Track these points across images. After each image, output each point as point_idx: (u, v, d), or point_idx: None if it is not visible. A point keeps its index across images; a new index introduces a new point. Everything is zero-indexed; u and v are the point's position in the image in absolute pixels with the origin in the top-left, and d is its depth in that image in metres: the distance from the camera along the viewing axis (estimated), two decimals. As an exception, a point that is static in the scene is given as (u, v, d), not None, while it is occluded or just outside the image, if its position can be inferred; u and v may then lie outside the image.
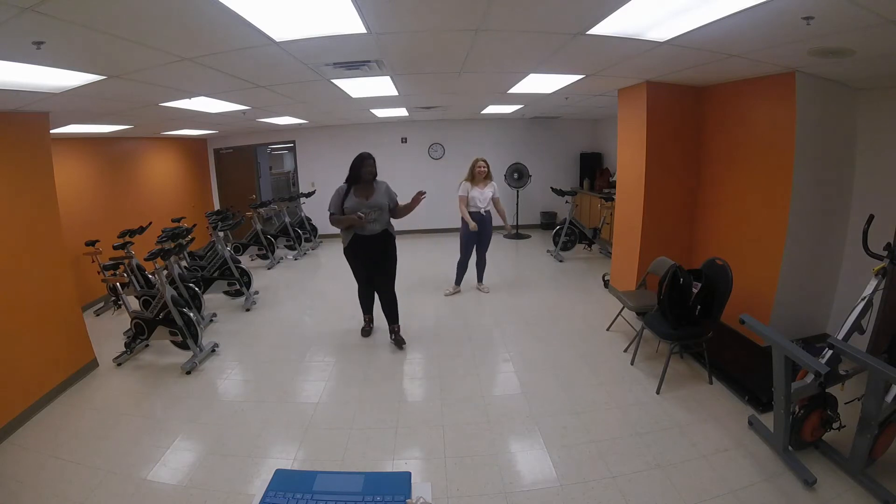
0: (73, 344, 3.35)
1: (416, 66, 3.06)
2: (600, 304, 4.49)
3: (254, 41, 2.12)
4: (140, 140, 6.16)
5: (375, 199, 3.41)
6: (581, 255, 6.46)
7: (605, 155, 7.87)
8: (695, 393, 2.89)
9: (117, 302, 4.74)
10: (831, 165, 3.28)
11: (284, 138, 7.97)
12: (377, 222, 3.43)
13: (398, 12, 1.91)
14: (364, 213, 3.30)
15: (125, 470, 2.33)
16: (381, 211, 3.43)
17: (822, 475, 2.09)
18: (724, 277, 2.87)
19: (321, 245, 7.72)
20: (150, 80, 2.69)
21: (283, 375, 3.31)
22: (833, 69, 2.82)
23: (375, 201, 3.41)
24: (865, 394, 1.98)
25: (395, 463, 2.34)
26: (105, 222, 5.14)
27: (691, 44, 2.41)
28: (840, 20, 1.89)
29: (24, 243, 3.01)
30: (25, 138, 3.07)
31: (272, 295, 5.20)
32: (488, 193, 4.59)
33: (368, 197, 3.40)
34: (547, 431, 2.54)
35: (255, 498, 1.08)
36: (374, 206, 3.40)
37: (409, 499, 1.05)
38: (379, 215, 3.42)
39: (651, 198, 3.99)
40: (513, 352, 3.54)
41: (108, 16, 1.63)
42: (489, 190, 4.60)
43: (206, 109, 4.12)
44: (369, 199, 3.39)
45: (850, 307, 2.32)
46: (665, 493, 2.06)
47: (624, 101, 4.23)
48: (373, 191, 3.44)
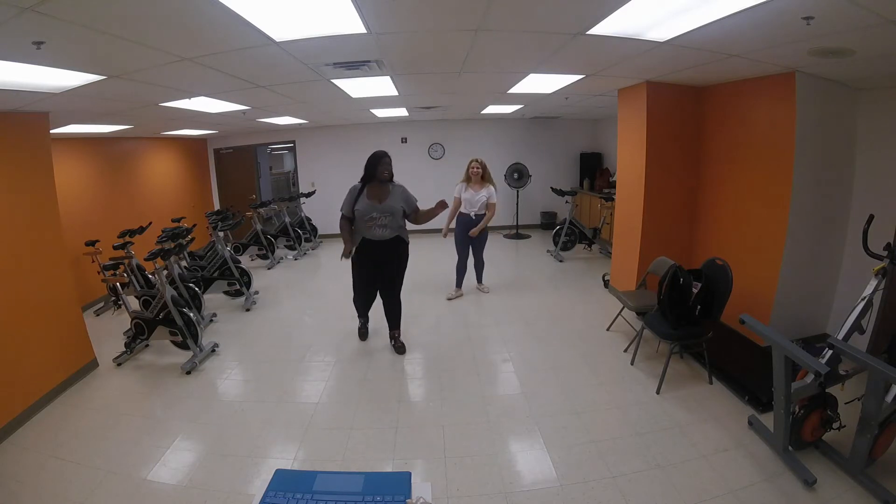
0: (73, 344, 3.35)
1: (416, 66, 3.06)
2: (600, 304, 4.49)
3: (254, 41, 2.12)
4: (140, 140, 6.16)
5: (388, 203, 3.19)
6: (581, 255, 6.46)
7: (605, 155, 7.87)
8: (695, 393, 2.89)
9: (117, 302, 4.74)
10: (831, 165, 3.28)
11: (284, 138, 7.97)
12: (388, 228, 3.21)
13: (398, 12, 1.91)
14: (375, 216, 3.15)
15: (125, 470, 2.33)
16: (393, 216, 3.21)
17: (822, 475, 2.09)
18: (724, 277, 2.88)
19: (321, 245, 7.72)
20: (150, 80, 2.69)
21: (283, 375, 3.31)
22: (833, 69, 2.82)
23: (388, 205, 3.19)
24: (865, 394, 1.98)
25: (395, 463, 2.34)
26: (105, 222, 5.14)
27: (691, 44, 2.41)
28: (840, 20, 1.89)
29: (24, 243, 3.01)
30: (25, 138, 3.07)
31: (272, 295, 5.20)
32: (482, 197, 4.41)
33: (381, 200, 3.19)
34: (547, 431, 2.54)
35: (255, 498, 1.08)
36: (386, 210, 3.18)
37: (409, 499, 1.05)
38: (390, 221, 3.20)
39: (651, 198, 3.99)
40: (513, 352, 3.54)
41: (108, 16, 1.63)
42: (484, 193, 4.41)
43: (206, 109, 4.12)
44: (382, 202, 3.18)
45: (850, 307, 2.32)
46: (665, 493, 2.06)
47: (624, 101, 4.23)
48: (387, 193, 3.22)
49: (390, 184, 3.25)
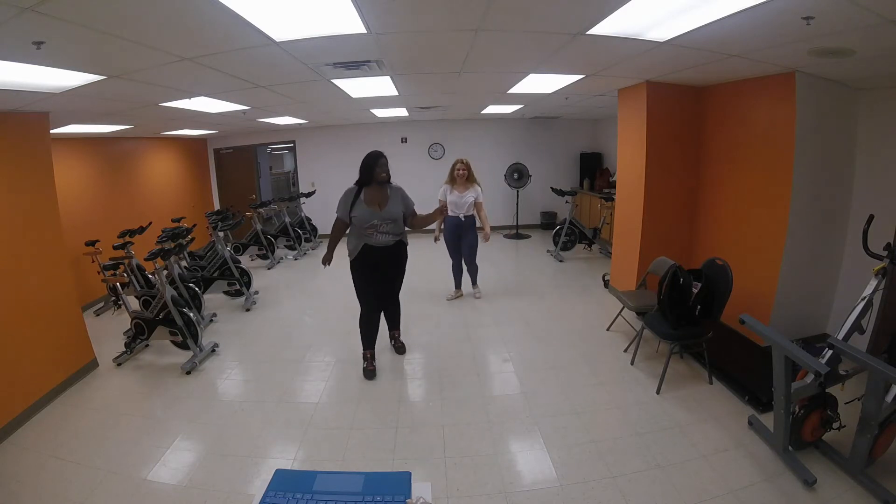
0: (73, 344, 3.35)
1: (416, 66, 3.06)
2: (600, 304, 4.49)
3: (254, 41, 2.12)
4: (140, 140, 6.16)
5: (389, 210, 2.99)
6: (581, 255, 6.46)
7: (605, 155, 7.87)
8: (695, 393, 2.89)
9: (117, 302, 4.74)
10: (831, 165, 3.28)
11: (284, 138, 7.97)
12: (389, 234, 3.05)
13: (398, 12, 1.91)
14: (376, 223, 2.97)
15: (125, 470, 2.33)
16: (395, 222, 3.05)
17: (822, 475, 2.09)
18: (724, 277, 2.88)
19: (321, 245, 7.71)
20: (150, 80, 2.69)
21: (283, 375, 3.31)
22: (833, 69, 2.82)
23: (389, 212, 2.99)
24: (865, 394, 1.98)
25: (395, 463, 2.34)
26: (105, 222, 5.14)
27: (691, 44, 2.41)
28: (840, 20, 1.89)
29: (24, 243, 3.01)
30: (25, 138, 3.07)
31: (272, 295, 5.20)
32: (469, 198, 4.31)
33: (382, 206, 2.99)
34: (547, 431, 2.54)
35: (255, 498, 1.08)
36: (388, 217, 2.99)
37: (409, 499, 1.04)
38: (392, 227, 3.04)
39: (651, 198, 3.99)
40: (513, 352, 3.54)
41: (108, 16, 1.63)
42: (470, 194, 4.31)
43: (206, 109, 4.12)
44: (383, 208, 2.98)
45: (850, 307, 2.32)
46: (665, 493, 2.06)
47: (624, 101, 4.23)
48: (386, 198, 3.01)
49: (388, 186, 3.06)
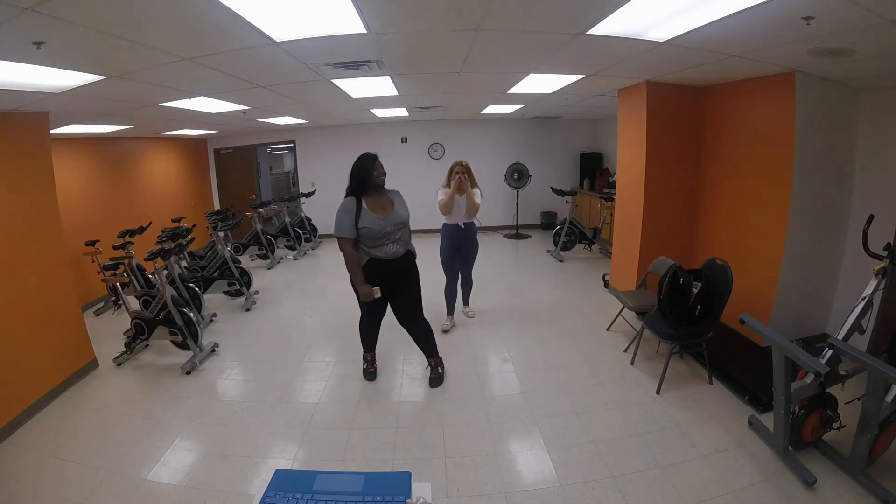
0: (73, 344, 3.35)
1: (416, 66, 3.06)
2: (600, 304, 4.49)
3: (254, 41, 2.12)
4: (140, 140, 6.16)
5: (397, 213, 2.74)
6: (581, 255, 6.46)
7: (605, 155, 7.87)
8: (695, 393, 2.89)
9: (117, 302, 4.74)
10: (831, 165, 3.28)
11: (284, 138, 7.97)
12: (401, 242, 2.78)
13: (398, 12, 1.91)
14: (389, 231, 2.69)
15: (125, 470, 2.33)
16: (406, 227, 2.82)
17: (822, 475, 2.09)
18: (724, 277, 2.88)
19: (321, 245, 7.72)
20: (150, 80, 2.69)
21: (283, 375, 3.31)
22: (833, 69, 2.82)
23: (398, 216, 2.74)
24: (865, 394, 1.98)
25: (395, 463, 2.34)
26: (105, 222, 5.14)
27: (691, 44, 2.41)
28: (840, 20, 1.89)
29: (24, 243, 3.01)
30: (25, 138, 3.08)
31: (272, 295, 5.20)
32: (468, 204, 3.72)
33: (388, 212, 2.72)
34: (547, 431, 2.54)
35: (255, 498, 1.08)
36: (399, 222, 2.73)
37: (409, 499, 1.05)
38: (404, 233, 2.81)
39: (651, 198, 3.99)
40: (513, 352, 3.54)
41: (108, 16, 1.63)
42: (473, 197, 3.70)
43: (206, 109, 4.12)
44: (390, 213, 2.72)
45: (850, 307, 2.32)
46: (665, 493, 2.06)
47: (624, 101, 4.23)
48: (390, 202, 2.77)
49: (386, 190, 2.82)
